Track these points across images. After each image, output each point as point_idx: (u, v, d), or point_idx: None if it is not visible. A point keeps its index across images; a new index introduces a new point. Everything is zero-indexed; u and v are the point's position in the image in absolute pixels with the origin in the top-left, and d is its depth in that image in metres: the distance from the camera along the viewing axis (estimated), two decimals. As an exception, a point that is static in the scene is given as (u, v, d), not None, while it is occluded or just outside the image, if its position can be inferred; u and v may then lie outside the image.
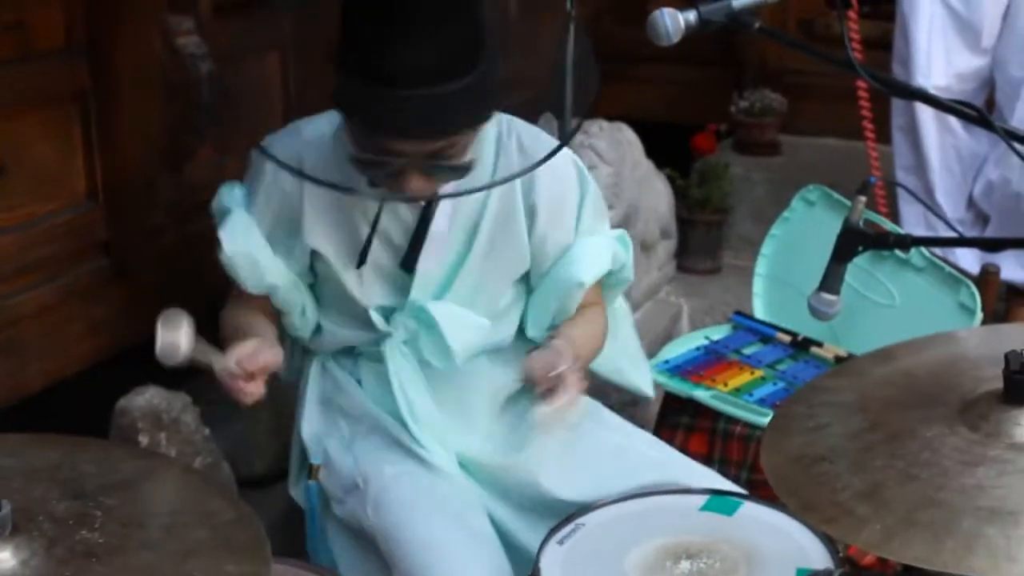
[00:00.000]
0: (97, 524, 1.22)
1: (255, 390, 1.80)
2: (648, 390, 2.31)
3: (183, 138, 2.14)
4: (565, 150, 2.08)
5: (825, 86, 4.03)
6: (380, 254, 1.99)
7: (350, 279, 2.00)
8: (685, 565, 1.77)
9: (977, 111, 1.76)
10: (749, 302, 2.91)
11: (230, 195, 2.02)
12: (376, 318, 2.02)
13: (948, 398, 1.44)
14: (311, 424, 2.10)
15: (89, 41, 2.13)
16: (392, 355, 2.03)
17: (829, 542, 1.82)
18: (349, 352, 2.12)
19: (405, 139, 1.76)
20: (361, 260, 1.97)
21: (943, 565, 1.22)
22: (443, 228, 1.98)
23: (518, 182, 2.01)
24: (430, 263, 1.99)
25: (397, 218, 1.97)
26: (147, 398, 2.18)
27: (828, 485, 1.34)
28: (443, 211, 1.97)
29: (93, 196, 2.22)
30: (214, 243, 2.01)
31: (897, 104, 3.40)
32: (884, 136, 3.49)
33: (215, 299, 2.10)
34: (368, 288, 2.01)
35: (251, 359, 1.79)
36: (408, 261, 1.98)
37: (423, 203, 1.96)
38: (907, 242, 2.14)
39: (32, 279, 2.14)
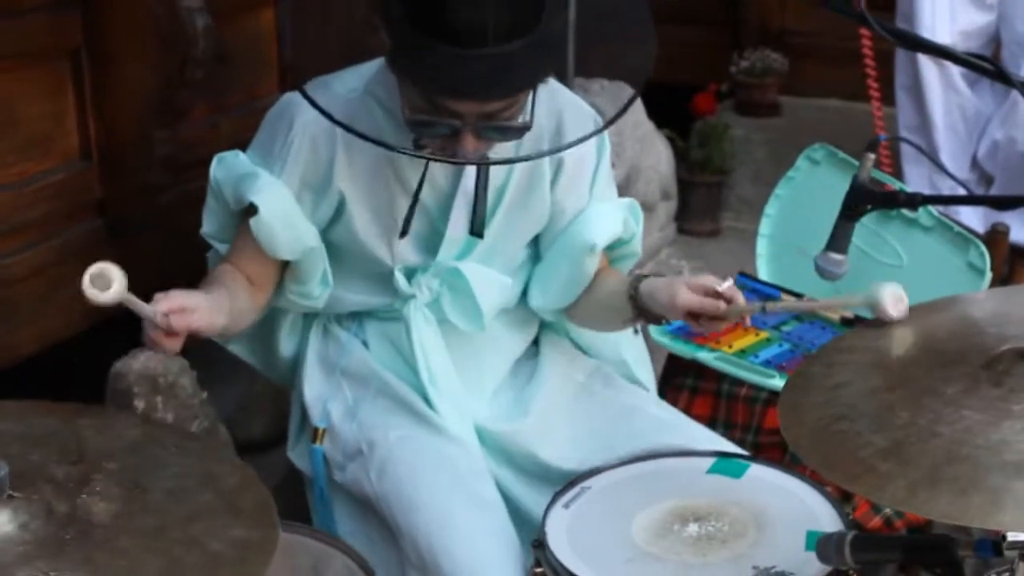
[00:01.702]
0: (98, 488, 1.19)
1: (170, 347, 1.68)
2: (649, 387, 2.26)
3: (179, 94, 2.08)
4: (590, 110, 2.05)
5: (826, 47, 4.00)
6: (413, 218, 1.93)
7: (378, 244, 1.95)
8: (693, 528, 1.75)
9: (993, 64, 1.74)
10: (750, 263, 2.87)
11: (235, 161, 1.94)
12: (400, 279, 1.98)
13: (969, 356, 1.42)
14: (313, 385, 2.06)
15: (81, -2, 2.08)
16: (415, 317, 1.99)
17: (838, 504, 1.79)
18: (354, 314, 2.08)
19: (466, 99, 1.70)
20: (404, 230, 1.91)
21: (970, 520, 1.21)
22: (473, 189, 1.93)
23: (545, 135, 1.96)
24: (459, 224, 1.95)
25: (431, 181, 1.92)
26: (143, 361, 2.14)
27: (849, 443, 1.32)
28: (472, 173, 1.92)
29: (87, 154, 2.17)
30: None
31: (901, 63, 3.37)
32: (887, 98, 3.45)
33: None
34: (398, 251, 1.96)
35: (182, 317, 1.66)
36: (475, 225, 1.92)
37: (463, 167, 1.91)
38: (916, 200, 2.11)
39: (24, 240, 2.10)
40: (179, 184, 2.28)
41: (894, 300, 1.61)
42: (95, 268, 1.48)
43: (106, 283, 1.48)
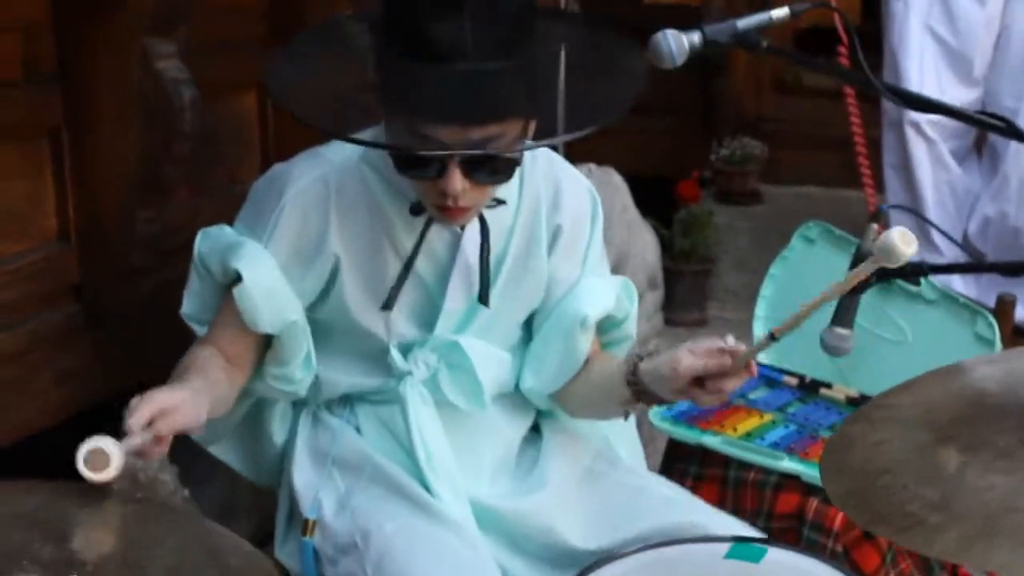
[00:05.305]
0: (89, 568, 1.06)
1: (157, 454, 1.59)
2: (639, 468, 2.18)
3: (164, 170, 2.01)
4: (583, 179, 2.02)
5: (802, 134, 4.03)
6: (408, 291, 1.87)
7: (372, 318, 1.88)
8: (715, 614, 1.64)
9: (1006, 122, 1.71)
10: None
11: (221, 233, 1.88)
12: (396, 355, 1.90)
13: (1018, 409, 1.35)
14: (303, 474, 1.95)
15: (61, 71, 2.02)
16: (411, 396, 1.90)
17: None
18: (344, 400, 1.98)
19: (448, 122, 1.64)
20: (390, 301, 1.84)
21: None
22: (473, 260, 1.87)
23: (543, 204, 1.92)
24: (457, 296, 1.88)
25: (429, 253, 1.87)
26: (139, 481, 2.04)
27: (895, 496, 1.26)
28: (472, 242, 1.87)
29: (65, 236, 2.10)
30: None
31: (889, 142, 3.38)
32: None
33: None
34: (393, 325, 1.89)
35: (167, 420, 1.57)
36: (483, 297, 1.86)
37: (459, 230, 1.85)
38: (923, 270, 2.07)
39: (-3, 324, 2.00)
40: (161, 270, 2.19)
41: (903, 239, 1.50)
42: (91, 446, 1.37)
43: (104, 462, 1.37)
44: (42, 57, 2.01)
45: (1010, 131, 1.71)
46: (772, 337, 1.71)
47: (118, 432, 1.99)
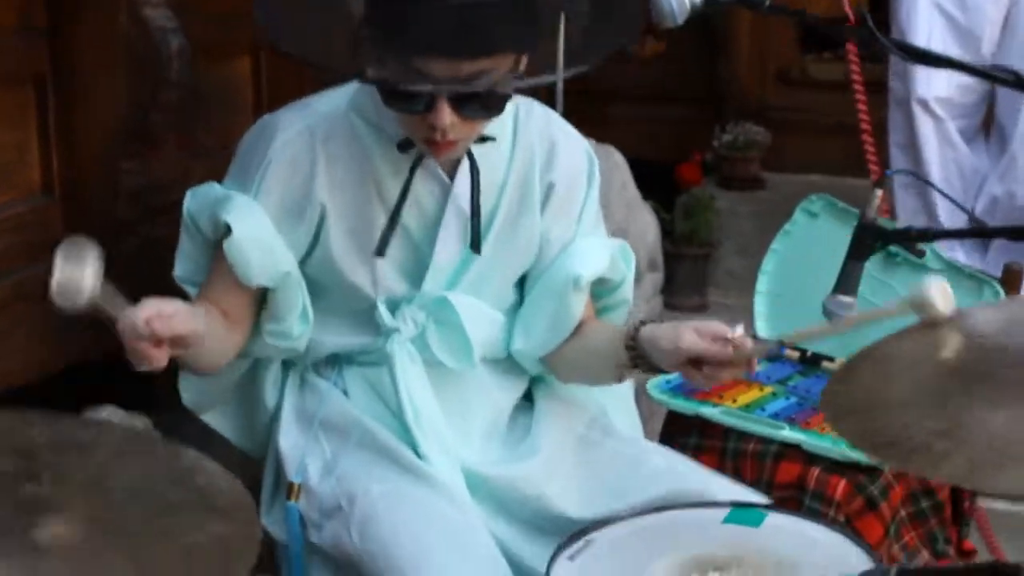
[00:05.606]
0: (48, 484, 1.03)
1: (157, 358, 1.57)
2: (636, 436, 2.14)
3: (151, 119, 1.98)
4: (580, 138, 1.99)
5: (806, 122, 4.00)
6: (395, 243, 1.84)
7: (359, 271, 1.85)
8: (714, 577, 1.60)
9: (1014, 75, 1.69)
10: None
11: (209, 190, 1.86)
12: (383, 311, 1.86)
13: (1021, 346, 1.32)
14: (289, 437, 1.92)
15: (49, 21, 2.00)
16: (399, 355, 1.86)
17: (867, 547, 1.67)
18: (332, 361, 1.95)
19: (439, 55, 1.63)
20: (382, 246, 1.82)
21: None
22: (462, 212, 1.85)
23: (536, 161, 1.90)
24: (446, 250, 1.85)
25: (416, 205, 1.84)
26: (105, 416, 2.02)
27: (900, 425, 1.22)
28: (462, 196, 1.84)
29: (49, 189, 2.07)
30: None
31: (895, 121, 3.36)
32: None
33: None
34: (381, 280, 1.86)
35: (164, 321, 1.56)
36: (475, 242, 1.85)
37: (448, 180, 1.83)
38: (928, 235, 2.04)
39: (-24, 278, 1.97)
40: (148, 227, 2.16)
41: (942, 294, 1.46)
42: (64, 249, 1.32)
43: (81, 259, 1.32)
44: (34, 8, 1.99)
45: (1018, 83, 1.68)
46: (780, 344, 1.71)
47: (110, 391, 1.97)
